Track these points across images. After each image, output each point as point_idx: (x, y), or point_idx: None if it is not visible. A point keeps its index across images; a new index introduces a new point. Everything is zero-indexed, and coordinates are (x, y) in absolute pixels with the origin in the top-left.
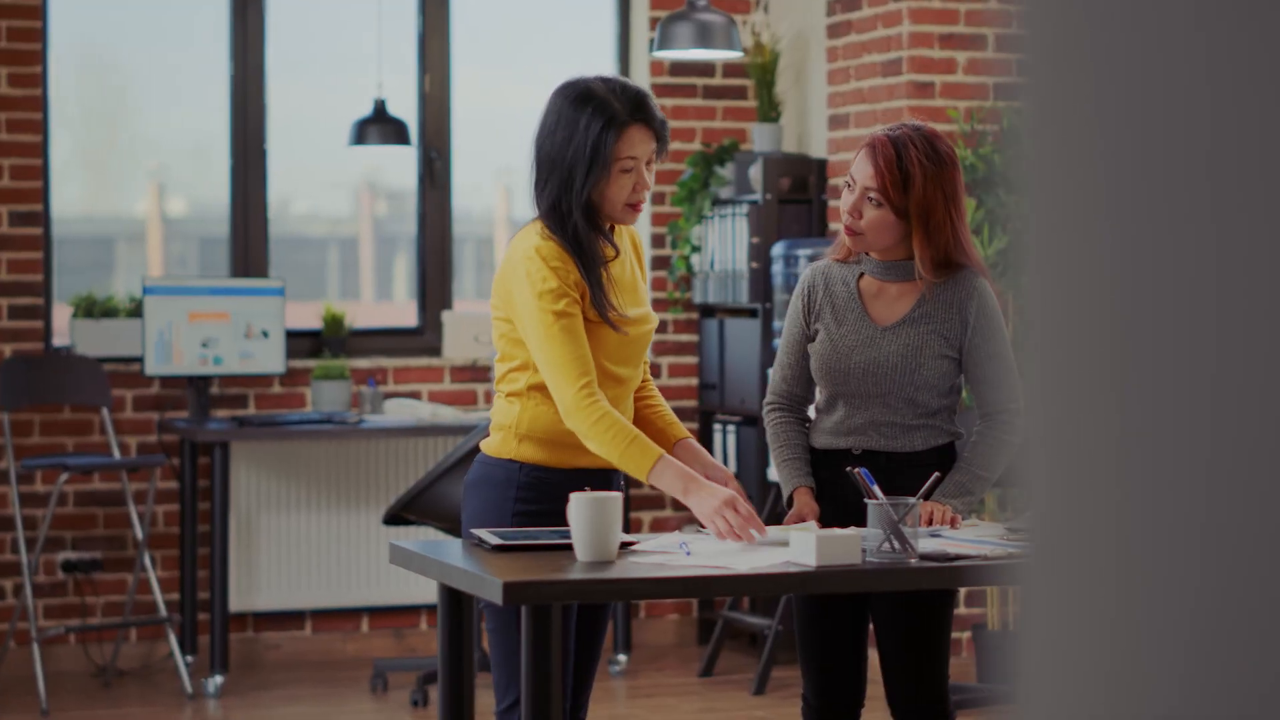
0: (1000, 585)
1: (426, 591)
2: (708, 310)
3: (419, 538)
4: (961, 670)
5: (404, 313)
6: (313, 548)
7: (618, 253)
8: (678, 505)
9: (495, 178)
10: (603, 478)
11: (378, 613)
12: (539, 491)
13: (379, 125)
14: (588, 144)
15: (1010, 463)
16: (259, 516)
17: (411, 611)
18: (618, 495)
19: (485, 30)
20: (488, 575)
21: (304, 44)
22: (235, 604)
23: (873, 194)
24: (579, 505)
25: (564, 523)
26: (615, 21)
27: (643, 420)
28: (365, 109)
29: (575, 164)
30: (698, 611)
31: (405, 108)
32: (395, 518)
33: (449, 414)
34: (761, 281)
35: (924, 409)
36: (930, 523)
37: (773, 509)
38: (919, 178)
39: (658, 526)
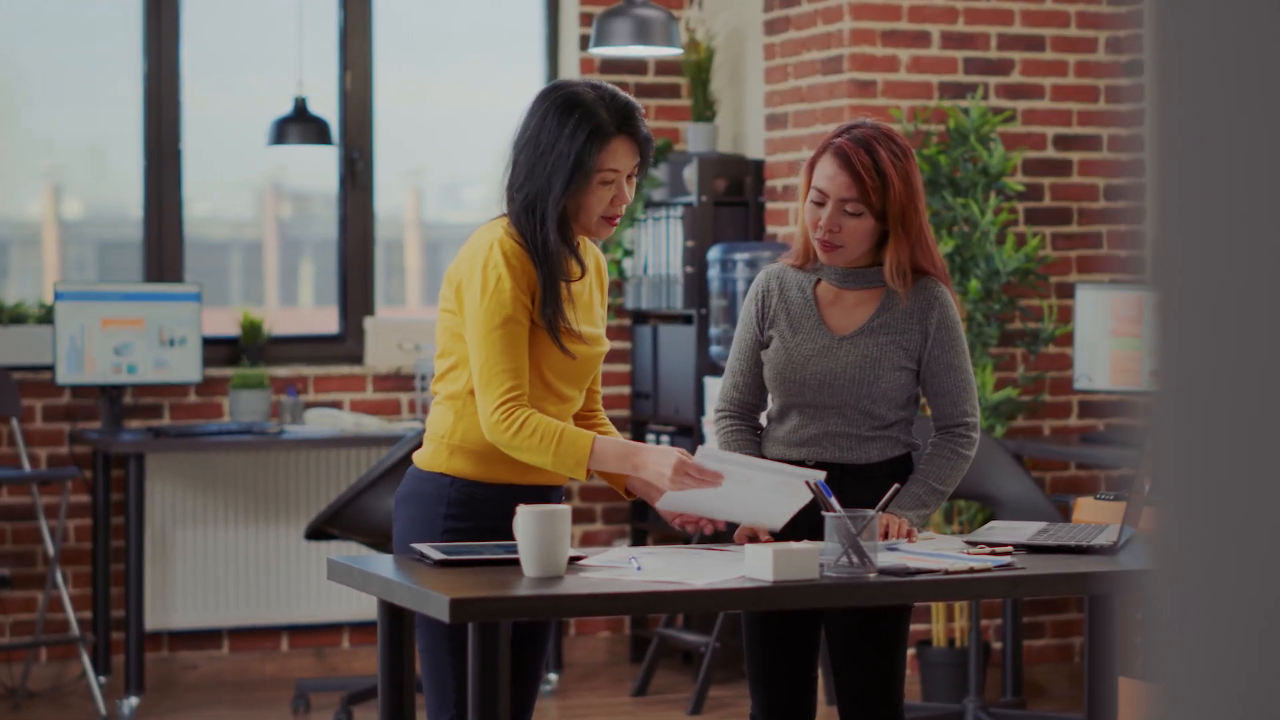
0: (961, 600)
1: (349, 609)
2: (640, 316)
3: (343, 553)
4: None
5: (310, 319)
6: (231, 564)
7: (584, 272)
8: (609, 518)
9: (405, 179)
10: (539, 495)
11: (299, 631)
12: (469, 508)
13: (299, 124)
14: (571, 152)
15: (964, 475)
16: (175, 531)
17: (334, 630)
18: (566, 509)
19: (408, 25)
20: (432, 592)
21: (219, 40)
22: (150, 622)
23: (850, 204)
24: (526, 519)
25: (495, 540)
26: (543, 17)
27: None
28: (282, 108)
29: (555, 171)
30: (630, 628)
31: (326, 106)
32: (318, 532)
33: (373, 424)
34: (697, 286)
35: (880, 421)
36: (887, 535)
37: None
38: (894, 178)
39: (589, 540)
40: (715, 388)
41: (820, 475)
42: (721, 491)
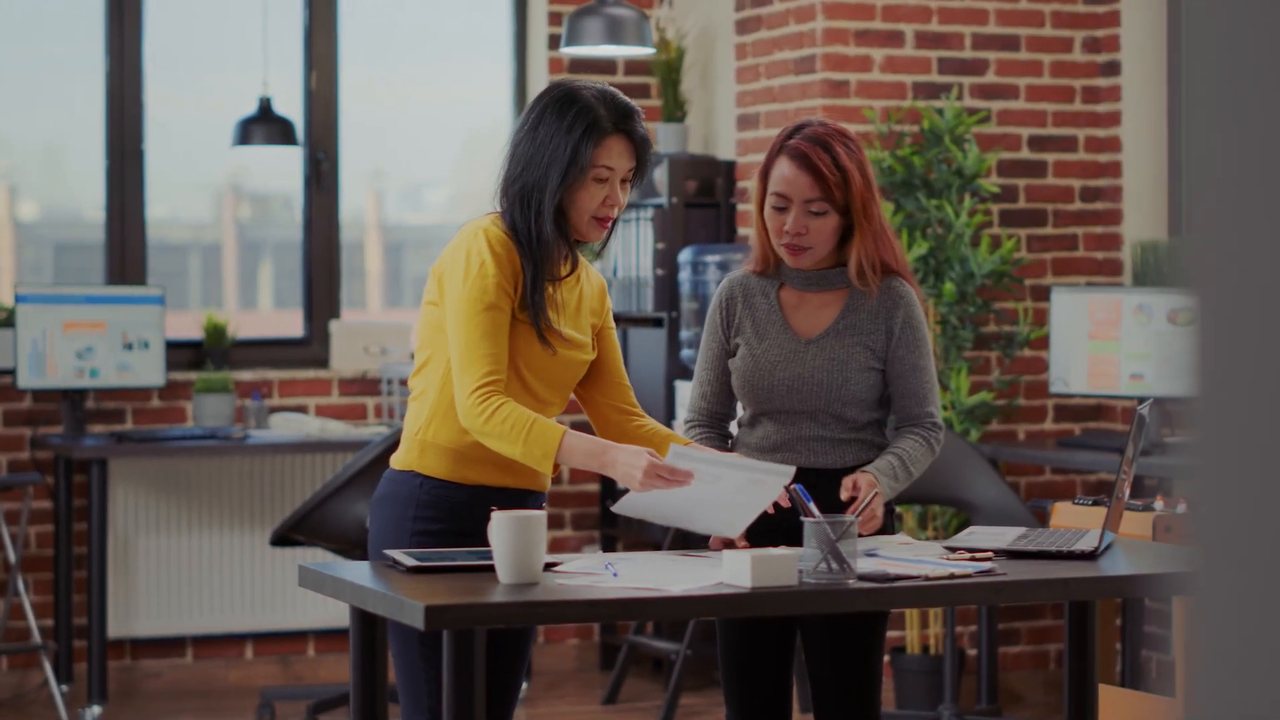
0: (942, 606)
1: (315, 616)
2: None
3: (308, 559)
4: None
5: (270, 322)
6: (195, 570)
7: (574, 269)
8: (579, 523)
9: (366, 181)
10: (512, 498)
11: (263, 639)
12: (440, 510)
13: (264, 125)
14: (567, 146)
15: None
16: (138, 537)
17: (299, 637)
18: (542, 514)
19: (374, 24)
20: (406, 599)
21: (183, 39)
22: (113, 630)
23: (815, 204)
24: (501, 524)
25: (466, 543)
26: (512, 16)
27: (639, 439)
28: (247, 108)
29: (552, 164)
30: (600, 636)
31: (291, 106)
32: (284, 538)
33: (338, 429)
34: (667, 289)
35: (852, 424)
36: (856, 488)
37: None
38: (853, 171)
39: (559, 546)
40: (686, 391)
41: (791, 470)
42: (686, 492)
